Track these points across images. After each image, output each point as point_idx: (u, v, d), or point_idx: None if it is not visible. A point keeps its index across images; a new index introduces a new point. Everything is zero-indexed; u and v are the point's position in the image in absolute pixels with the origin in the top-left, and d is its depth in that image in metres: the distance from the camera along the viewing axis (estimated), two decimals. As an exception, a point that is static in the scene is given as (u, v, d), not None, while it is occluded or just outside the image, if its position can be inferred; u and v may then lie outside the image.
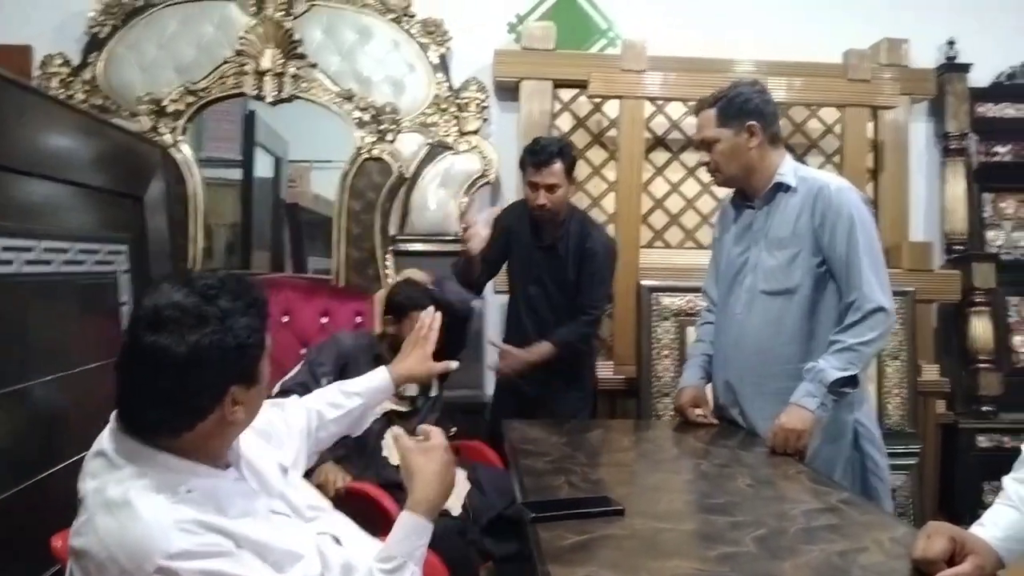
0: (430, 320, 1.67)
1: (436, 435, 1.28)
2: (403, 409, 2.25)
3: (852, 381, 1.90)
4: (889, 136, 3.41)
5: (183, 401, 1.04)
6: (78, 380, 1.86)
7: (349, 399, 1.56)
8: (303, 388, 2.02)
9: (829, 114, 3.42)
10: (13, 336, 1.66)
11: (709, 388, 2.23)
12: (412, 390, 2.29)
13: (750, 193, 2.09)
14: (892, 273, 2.10)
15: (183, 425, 1.05)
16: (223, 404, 1.06)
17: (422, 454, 1.24)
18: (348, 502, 1.93)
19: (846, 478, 1.94)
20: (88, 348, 1.92)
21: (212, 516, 1.02)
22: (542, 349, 2.60)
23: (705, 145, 2.07)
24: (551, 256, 2.67)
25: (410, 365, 1.66)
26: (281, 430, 1.40)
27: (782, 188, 2.02)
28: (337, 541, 1.22)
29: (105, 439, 1.07)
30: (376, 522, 1.44)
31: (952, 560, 1.17)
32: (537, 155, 2.58)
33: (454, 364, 1.74)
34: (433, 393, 2.41)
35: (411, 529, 1.17)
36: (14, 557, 1.59)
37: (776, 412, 1.92)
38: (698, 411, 2.18)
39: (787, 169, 2.03)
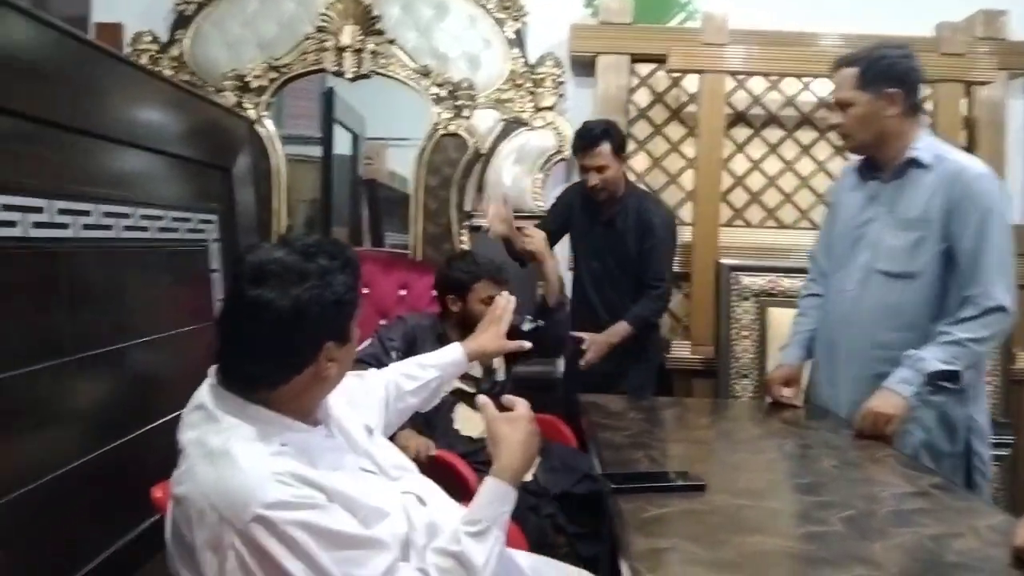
0: (505, 302, 1.70)
1: (521, 406, 1.29)
2: (470, 390, 2.23)
3: (953, 376, 1.81)
4: (984, 113, 3.25)
5: (282, 354, 1.07)
6: (172, 343, 1.93)
7: (425, 371, 1.60)
8: (375, 359, 2.07)
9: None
10: (112, 298, 1.72)
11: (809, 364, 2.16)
12: (476, 371, 2.27)
13: (879, 163, 1.96)
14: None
15: (280, 378, 1.08)
16: (318, 359, 1.10)
17: (507, 423, 1.25)
18: (427, 469, 1.95)
19: (952, 474, 1.85)
20: (182, 312, 1.98)
21: (306, 469, 1.04)
22: (620, 330, 2.62)
23: (839, 107, 1.94)
24: (610, 231, 2.72)
25: (483, 341, 1.71)
26: (362, 397, 1.45)
27: (915, 164, 1.89)
28: (422, 501, 1.24)
29: (204, 393, 1.12)
30: (454, 490, 1.46)
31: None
32: (583, 138, 2.65)
33: (527, 344, 1.78)
34: (500, 377, 2.38)
35: (496, 495, 1.18)
36: (116, 507, 1.66)
37: (867, 396, 1.85)
38: (786, 391, 2.11)
39: (923, 144, 1.90)
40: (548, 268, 2.39)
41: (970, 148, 3.25)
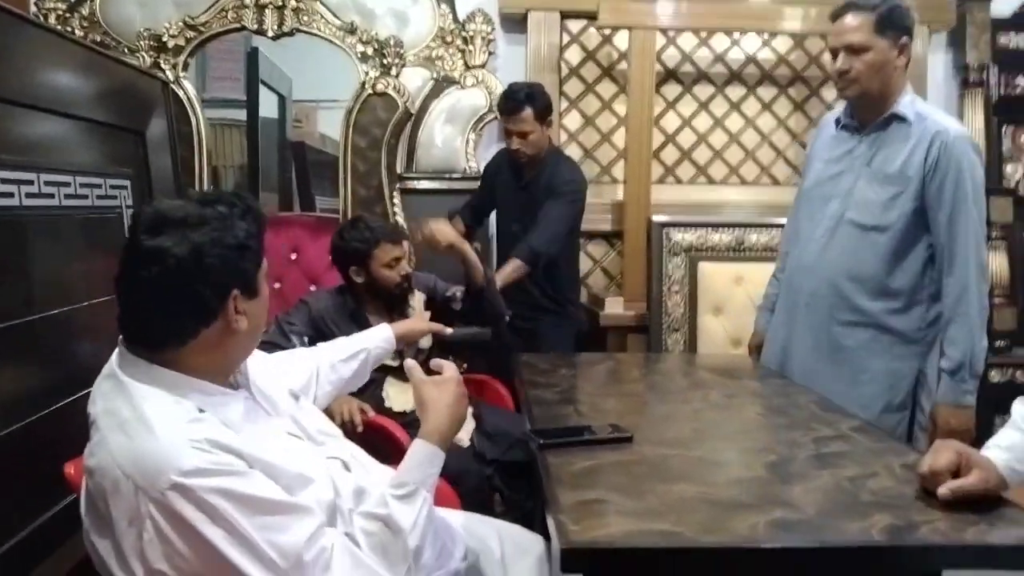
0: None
1: (449, 369, 1.30)
2: (393, 363, 2.16)
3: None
4: (906, 67, 3.32)
5: (186, 304, 1.03)
6: (85, 314, 1.85)
7: (353, 344, 1.65)
8: (272, 347, 1.86)
9: (845, 45, 3.32)
10: (16, 269, 1.64)
11: None
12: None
13: (864, 116, 1.95)
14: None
15: (187, 331, 1.05)
16: (226, 309, 1.06)
17: (435, 386, 1.25)
18: (361, 433, 1.94)
19: (896, 426, 1.90)
20: (95, 282, 1.89)
21: (225, 435, 1.01)
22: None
23: (850, 51, 1.87)
24: (527, 194, 2.75)
25: (411, 322, 1.86)
26: (288, 365, 1.46)
27: (897, 119, 1.89)
28: (347, 467, 1.23)
29: (114, 361, 1.07)
30: (389, 455, 1.46)
31: (958, 474, 1.19)
32: (507, 102, 2.67)
33: (448, 330, 1.95)
34: (425, 345, 2.30)
35: (423, 457, 1.17)
36: (27, 487, 1.60)
37: (822, 344, 1.93)
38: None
39: (906, 100, 1.90)
40: (467, 253, 2.29)
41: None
